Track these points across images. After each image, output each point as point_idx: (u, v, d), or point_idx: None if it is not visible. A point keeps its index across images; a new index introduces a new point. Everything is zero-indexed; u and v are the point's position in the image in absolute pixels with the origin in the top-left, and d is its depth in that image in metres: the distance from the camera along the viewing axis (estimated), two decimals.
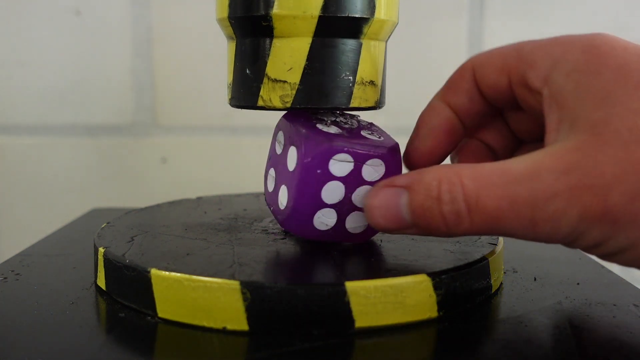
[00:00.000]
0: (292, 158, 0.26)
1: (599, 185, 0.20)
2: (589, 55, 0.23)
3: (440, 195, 0.22)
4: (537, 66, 0.24)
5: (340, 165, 0.25)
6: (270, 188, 0.28)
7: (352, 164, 0.25)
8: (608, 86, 0.22)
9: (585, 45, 0.23)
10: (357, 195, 0.26)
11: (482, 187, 0.21)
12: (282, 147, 0.27)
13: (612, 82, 0.22)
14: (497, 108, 0.27)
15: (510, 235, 0.22)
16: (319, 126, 0.26)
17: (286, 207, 0.26)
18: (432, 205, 0.22)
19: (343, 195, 0.25)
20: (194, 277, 0.22)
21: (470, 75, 0.27)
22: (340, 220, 0.26)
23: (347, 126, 0.27)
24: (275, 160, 0.28)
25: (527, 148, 0.28)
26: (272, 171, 0.28)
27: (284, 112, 0.28)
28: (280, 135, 0.28)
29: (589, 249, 0.21)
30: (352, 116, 0.28)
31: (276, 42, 0.25)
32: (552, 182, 0.20)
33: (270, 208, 0.28)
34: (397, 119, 0.30)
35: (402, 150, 0.27)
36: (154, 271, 0.23)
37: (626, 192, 0.20)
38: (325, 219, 0.26)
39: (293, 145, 0.26)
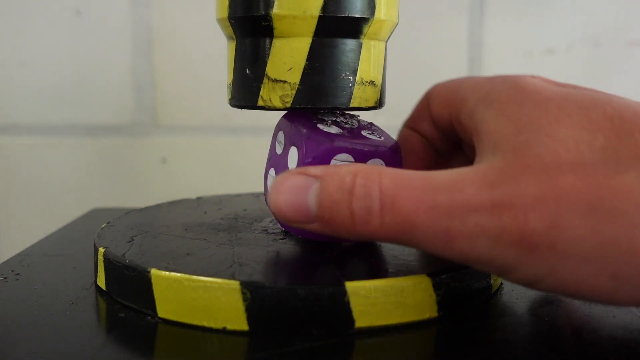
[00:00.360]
0: (292, 158, 0.26)
1: (519, 205, 0.19)
2: (513, 90, 0.23)
3: (354, 189, 0.20)
4: (467, 103, 0.24)
5: None
6: None
7: None
8: (530, 115, 0.21)
9: (512, 82, 0.23)
10: None
11: (401, 187, 0.20)
12: (282, 147, 0.27)
13: (533, 112, 0.21)
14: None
15: (419, 247, 0.21)
16: (320, 126, 0.26)
17: None
18: (341, 197, 0.21)
19: None
20: (194, 277, 0.22)
21: (427, 104, 0.28)
22: None
23: (347, 126, 0.27)
24: (276, 160, 0.28)
25: None
26: (272, 171, 0.28)
27: (284, 112, 0.28)
28: (281, 135, 0.28)
29: (503, 274, 0.20)
30: (352, 116, 0.28)
31: (276, 42, 0.25)
32: (474, 196, 0.19)
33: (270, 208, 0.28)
34: (397, 119, 0.30)
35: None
36: (154, 271, 0.23)
37: (545, 217, 0.19)
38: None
39: (294, 145, 0.26)
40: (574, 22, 0.52)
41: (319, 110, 0.27)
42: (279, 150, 0.28)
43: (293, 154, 0.26)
